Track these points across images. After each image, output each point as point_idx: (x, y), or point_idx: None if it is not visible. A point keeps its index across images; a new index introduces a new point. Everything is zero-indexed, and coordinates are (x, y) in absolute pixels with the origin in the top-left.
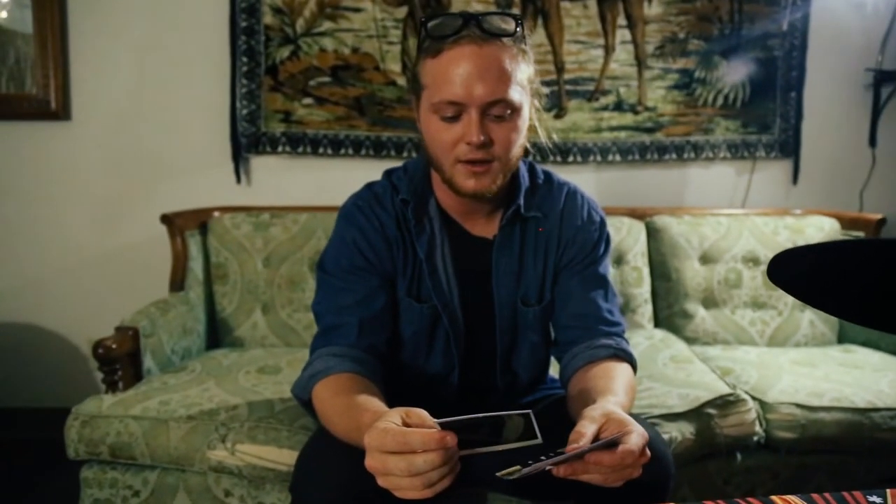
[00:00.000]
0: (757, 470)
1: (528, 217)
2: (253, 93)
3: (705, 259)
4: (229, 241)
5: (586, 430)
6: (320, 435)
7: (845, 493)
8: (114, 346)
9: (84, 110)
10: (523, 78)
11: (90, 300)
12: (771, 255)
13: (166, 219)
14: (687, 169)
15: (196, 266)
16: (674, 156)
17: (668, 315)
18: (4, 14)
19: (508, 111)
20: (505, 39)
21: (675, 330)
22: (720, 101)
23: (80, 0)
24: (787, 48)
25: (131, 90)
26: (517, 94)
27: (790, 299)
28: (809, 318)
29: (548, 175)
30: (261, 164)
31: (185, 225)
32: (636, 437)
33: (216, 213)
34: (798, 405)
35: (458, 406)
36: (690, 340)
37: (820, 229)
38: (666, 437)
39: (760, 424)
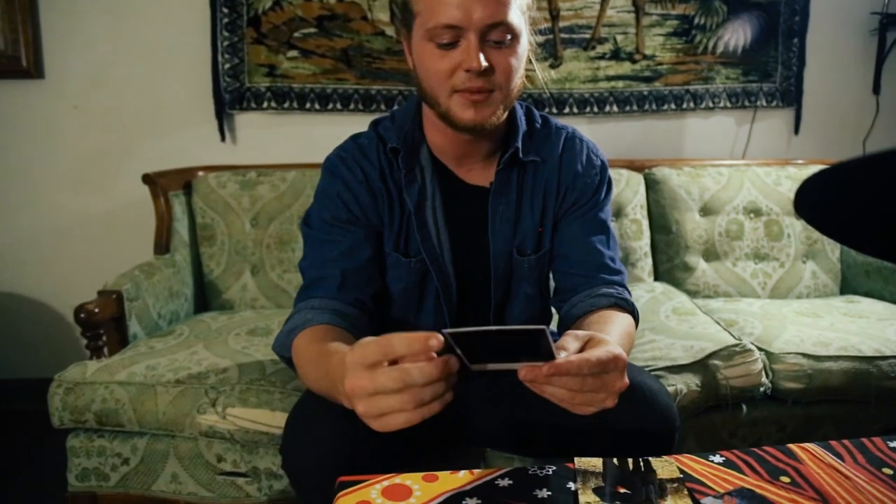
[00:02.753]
0: (763, 422)
1: (526, 162)
2: (235, 46)
3: (706, 211)
4: (215, 200)
5: (568, 344)
6: (310, 394)
7: (865, 440)
8: (96, 310)
9: (57, 67)
10: (522, 3)
11: (73, 266)
12: (773, 205)
13: (148, 179)
14: (686, 119)
15: (181, 227)
16: (672, 106)
17: (669, 268)
18: None
19: (509, 36)
20: None
21: (676, 283)
22: (720, 48)
23: None
24: None
25: (107, 45)
26: (517, 18)
27: (792, 250)
28: (812, 270)
29: (545, 119)
30: (246, 121)
31: (168, 185)
32: (602, 350)
33: (200, 173)
34: (804, 355)
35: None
36: (691, 293)
37: None
38: (671, 389)
39: (767, 375)
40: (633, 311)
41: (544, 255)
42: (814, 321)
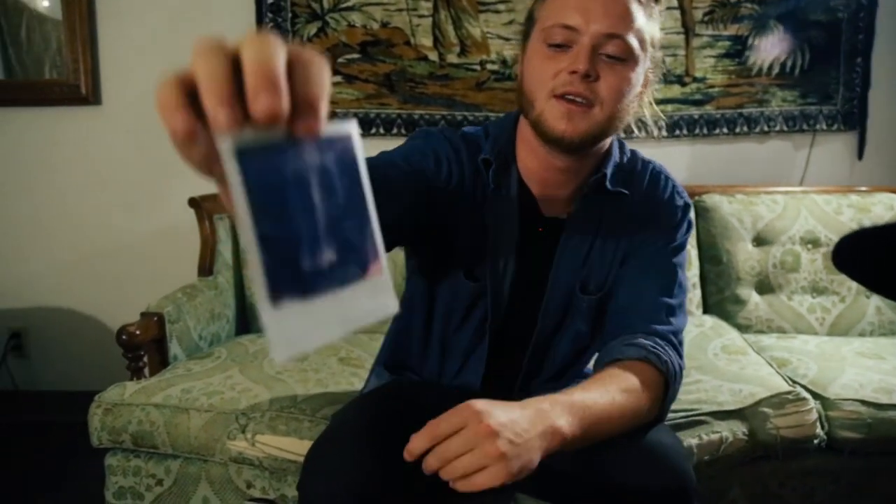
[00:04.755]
0: (816, 472)
1: (611, 194)
2: None
3: (759, 240)
4: None
5: None
6: (331, 433)
7: None
8: (137, 332)
9: (113, 94)
10: (646, 33)
11: (122, 284)
12: (833, 236)
13: (194, 202)
14: (739, 144)
15: (225, 250)
16: (725, 130)
17: (719, 300)
18: (46, 3)
19: (623, 56)
20: None
21: (726, 316)
22: (776, 69)
23: None
24: (853, 9)
25: (159, 73)
26: (636, 42)
27: (854, 284)
28: (876, 305)
29: (633, 152)
30: None
31: (213, 208)
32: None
33: None
34: (864, 402)
35: (485, 382)
36: (742, 328)
37: (889, 208)
38: (715, 436)
39: (822, 426)
40: (662, 369)
41: (606, 295)
42: (876, 364)
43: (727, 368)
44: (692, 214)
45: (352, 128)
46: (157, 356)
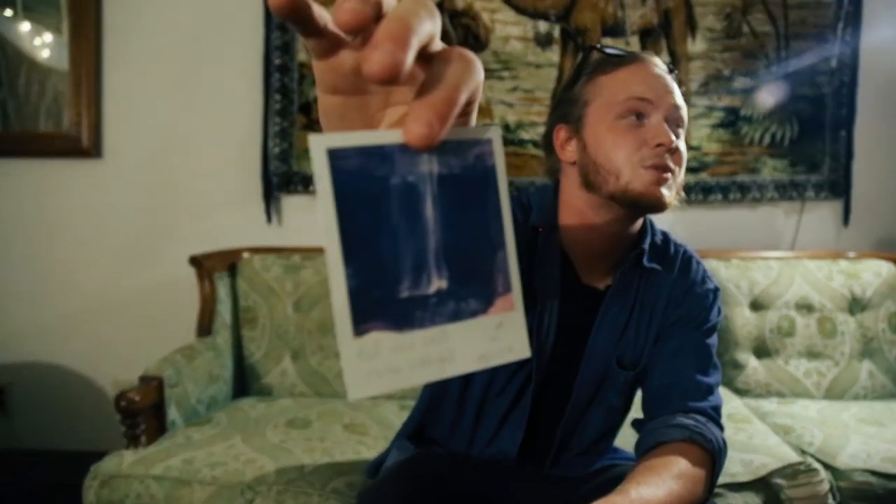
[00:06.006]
0: None
1: (646, 270)
2: (285, 131)
3: (756, 306)
4: (258, 283)
5: None
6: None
7: None
8: (137, 398)
9: (115, 148)
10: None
11: (118, 341)
12: (826, 301)
13: (195, 261)
14: (733, 210)
15: (224, 309)
16: (719, 196)
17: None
18: (47, 53)
19: (683, 126)
20: (672, 74)
21: (726, 381)
22: (767, 139)
23: (115, 38)
24: (835, 85)
25: (163, 128)
26: (686, 114)
27: (847, 348)
28: (868, 369)
29: (665, 234)
30: (292, 204)
31: (213, 267)
32: None
33: (245, 255)
34: (873, 472)
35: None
36: (742, 392)
37: (877, 274)
38: None
39: (834, 497)
40: (708, 447)
41: (642, 371)
42: (878, 431)
43: (735, 438)
44: (720, 300)
45: (493, 133)
46: (154, 422)
